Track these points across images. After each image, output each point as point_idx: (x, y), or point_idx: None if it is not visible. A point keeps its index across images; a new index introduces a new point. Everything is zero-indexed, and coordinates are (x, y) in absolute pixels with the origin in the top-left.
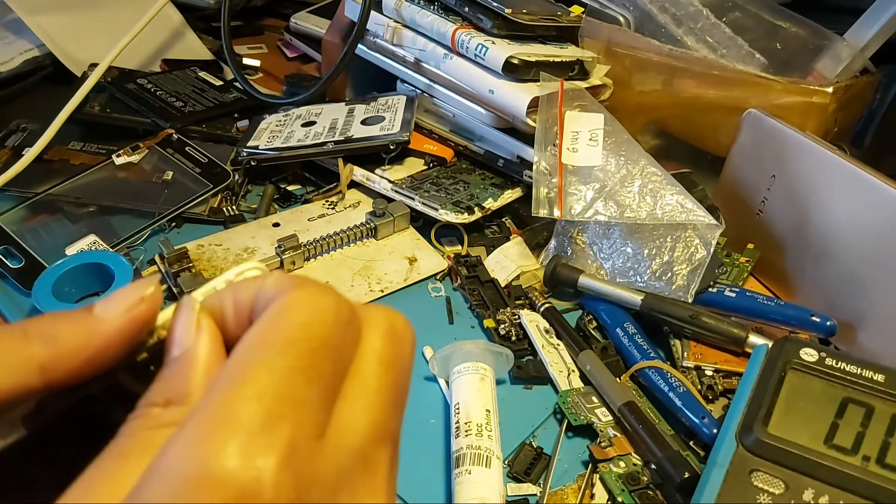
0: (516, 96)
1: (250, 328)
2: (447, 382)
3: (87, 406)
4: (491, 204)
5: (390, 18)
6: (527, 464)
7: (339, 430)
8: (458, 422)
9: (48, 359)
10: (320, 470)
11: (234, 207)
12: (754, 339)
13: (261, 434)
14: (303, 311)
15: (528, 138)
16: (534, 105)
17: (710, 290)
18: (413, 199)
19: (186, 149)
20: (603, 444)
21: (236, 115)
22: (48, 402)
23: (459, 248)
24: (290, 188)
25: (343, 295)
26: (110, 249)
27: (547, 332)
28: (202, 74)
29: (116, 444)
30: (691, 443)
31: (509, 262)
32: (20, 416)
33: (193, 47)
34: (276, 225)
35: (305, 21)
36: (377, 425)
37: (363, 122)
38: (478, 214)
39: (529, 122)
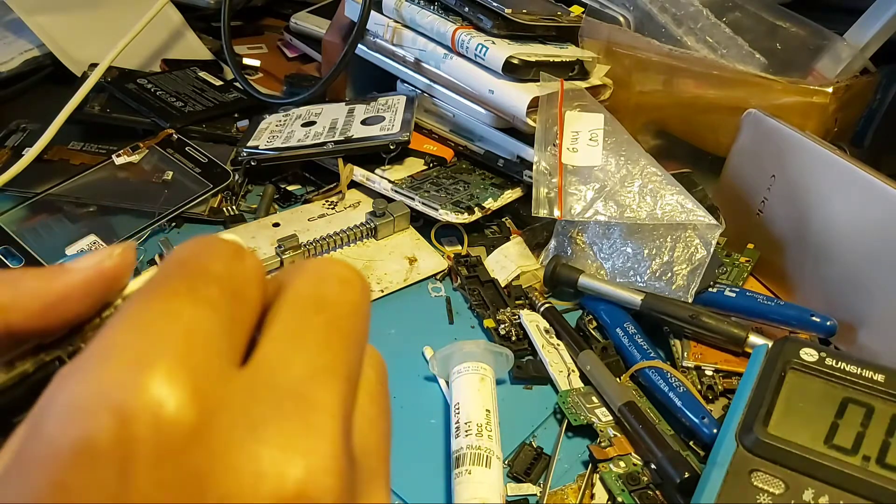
0: (516, 96)
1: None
2: (447, 382)
3: (54, 368)
4: (491, 204)
5: (390, 18)
6: (527, 464)
7: (254, 367)
8: (458, 422)
9: (8, 299)
10: (231, 396)
11: (234, 207)
12: (754, 339)
13: (147, 358)
14: (184, 248)
15: (528, 138)
16: (534, 105)
17: (710, 290)
18: (413, 199)
19: (186, 149)
20: (603, 444)
21: (236, 115)
22: (15, 361)
23: (459, 248)
24: (290, 188)
25: (236, 241)
26: None
27: (547, 332)
28: (202, 74)
29: None
30: (691, 443)
31: (509, 262)
32: None
33: (193, 47)
34: (276, 225)
35: (305, 21)
36: (308, 363)
37: (363, 122)
38: (478, 214)
39: (529, 122)
